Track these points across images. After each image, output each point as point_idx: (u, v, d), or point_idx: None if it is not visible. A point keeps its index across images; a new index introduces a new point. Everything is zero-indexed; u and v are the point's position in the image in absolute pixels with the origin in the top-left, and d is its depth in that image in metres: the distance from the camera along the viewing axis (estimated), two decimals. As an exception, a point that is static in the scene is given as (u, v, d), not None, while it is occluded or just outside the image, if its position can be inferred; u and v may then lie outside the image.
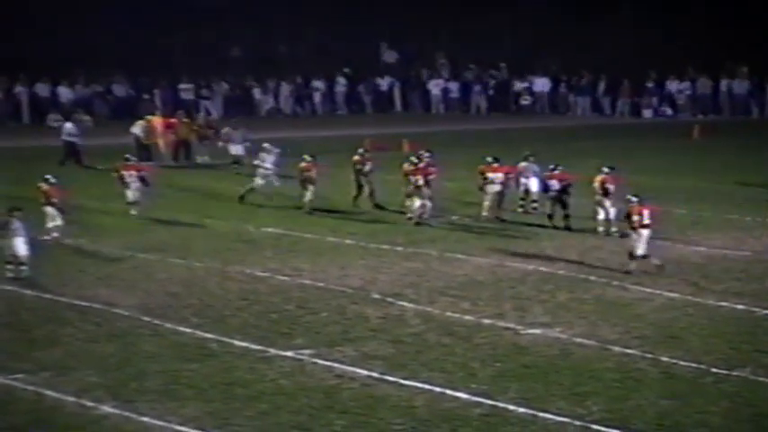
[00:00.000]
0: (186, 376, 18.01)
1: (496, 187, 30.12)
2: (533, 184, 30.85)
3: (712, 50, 54.78)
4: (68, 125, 40.66)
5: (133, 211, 31.06)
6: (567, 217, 28.90)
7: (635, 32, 56.46)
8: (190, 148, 40.93)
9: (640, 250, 24.25)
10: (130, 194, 31.10)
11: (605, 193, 28.10)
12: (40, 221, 26.79)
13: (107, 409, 16.70)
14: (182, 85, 55.03)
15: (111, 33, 53.42)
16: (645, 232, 24.32)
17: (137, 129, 40.98)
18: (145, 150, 39.53)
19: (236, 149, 39.56)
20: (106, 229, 29.23)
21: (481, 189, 30.19)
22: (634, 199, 24.74)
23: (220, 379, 17.89)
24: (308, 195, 31.28)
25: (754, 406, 16.84)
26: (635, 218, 24.38)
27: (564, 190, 28.91)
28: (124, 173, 31.34)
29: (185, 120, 42.25)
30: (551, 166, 29.85)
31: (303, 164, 31.62)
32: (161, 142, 40.81)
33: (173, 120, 42.05)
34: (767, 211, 30.76)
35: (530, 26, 57.91)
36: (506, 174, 30.45)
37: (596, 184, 28.32)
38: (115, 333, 20.30)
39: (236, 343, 19.66)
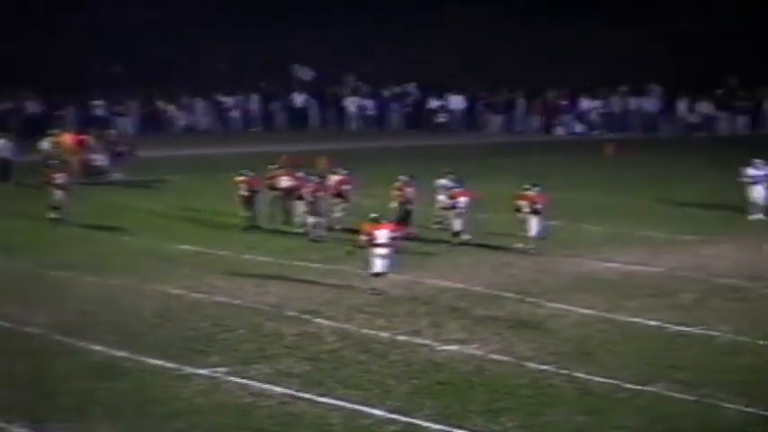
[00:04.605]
0: (99, 395, 17.80)
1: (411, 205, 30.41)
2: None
3: (624, 69, 55.53)
4: (1, 141, 40.49)
5: (53, 215, 31.67)
6: (457, 234, 29.11)
7: (547, 51, 57.03)
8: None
9: (375, 268, 24.12)
10: (56, 197, 32.07)
11: (533, 211, 28.24)
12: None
13: (17, 429, 16.44)
14: (94, 102, 54.60)
15: (23, 49, 52.84)
16: (379, 251, 24.10)
17: (45, 144, 40.74)
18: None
19: (99, 160, 39.94)
20: (18, 247, 28.85)
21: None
22: (374, 215, 24.70)
23: (135, 398, 17.71)
24: (337, 212, 30.72)
25: (667, 421, 17.00)
26: (370, 236, 24.13)
27: (467, 207, 29.19)
28: (54, 176, 32.56)
29: (95, 136, 42.07)
30: (456, 184, 30.14)
31: (337, 177, 31.29)
32: (72, 159, 40.45)
33: (83, 136, 41.88)
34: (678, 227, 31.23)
35: (446, 45, 58.27)
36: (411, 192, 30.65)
37: (523, 202, 28.37)
38: (26, 352, 20.01)
39: (151, 361, 19.48)
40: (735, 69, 54.78)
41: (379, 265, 24.08)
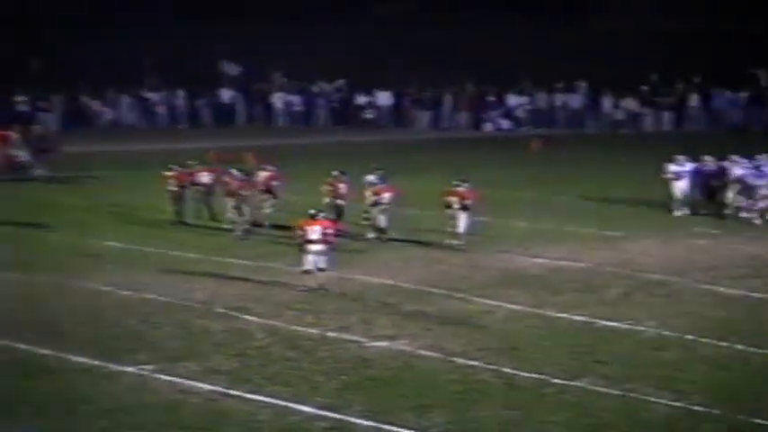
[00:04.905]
0: (24, 394, 17.61)
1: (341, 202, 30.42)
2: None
3: (549, 65, 55.91)
4: None
5: None
6: (382, 230, 29.18)
7: (475, 46, 57.27)
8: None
9: (307, 265, 23.91)
10: None
11: (462, 207, 28.29)
12: None
13: (-58, 428, 16.28)
14: (17, 97, 53.99)
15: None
16: (313, 248, 23.91)
17: None
18: None
19: (22, 155, 39.80)
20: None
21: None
22: (312, 211, 24.52)
23: (60, 396, 17.54)
24: (266, 208, 30.58)
25: (593, 416, 17.15)
26: (304, 232, 23.92)
27: (390, 203, 29.30)
28: None
29: (18, 132, 41.67)
30: (381, 180, 30.21)
31: (266, 173, 31.09)
32: (-6, 155, 40.11)
33: (5, 132, 41.43)
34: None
35: (373, 40, 58.32)
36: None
37: (452, 198, 28.39)
38: (-50, 350, 19.80)
39: (77, 359, 19.30)
40: (655, 68, 55.36)
41: (311, 261, 24.01)
